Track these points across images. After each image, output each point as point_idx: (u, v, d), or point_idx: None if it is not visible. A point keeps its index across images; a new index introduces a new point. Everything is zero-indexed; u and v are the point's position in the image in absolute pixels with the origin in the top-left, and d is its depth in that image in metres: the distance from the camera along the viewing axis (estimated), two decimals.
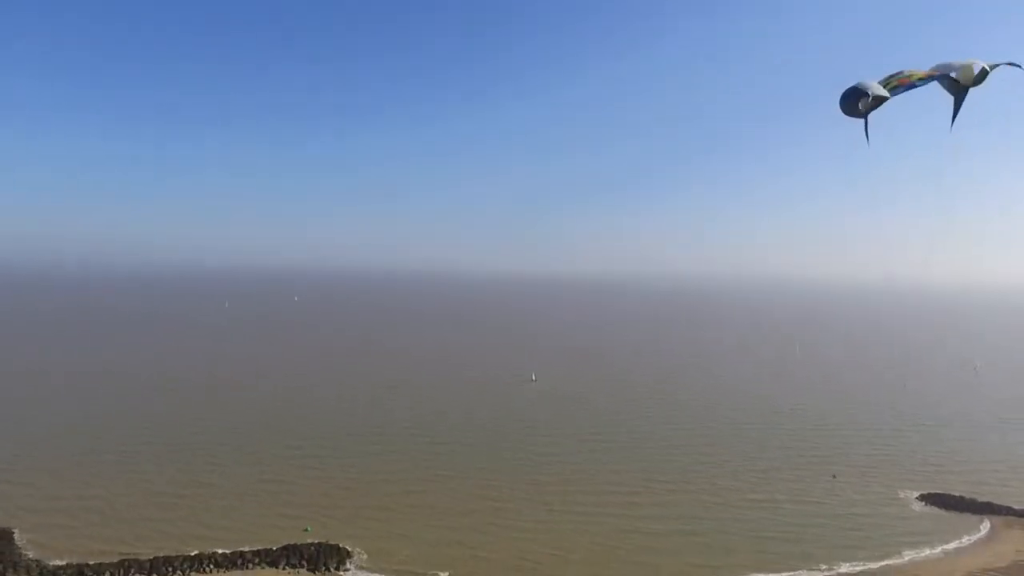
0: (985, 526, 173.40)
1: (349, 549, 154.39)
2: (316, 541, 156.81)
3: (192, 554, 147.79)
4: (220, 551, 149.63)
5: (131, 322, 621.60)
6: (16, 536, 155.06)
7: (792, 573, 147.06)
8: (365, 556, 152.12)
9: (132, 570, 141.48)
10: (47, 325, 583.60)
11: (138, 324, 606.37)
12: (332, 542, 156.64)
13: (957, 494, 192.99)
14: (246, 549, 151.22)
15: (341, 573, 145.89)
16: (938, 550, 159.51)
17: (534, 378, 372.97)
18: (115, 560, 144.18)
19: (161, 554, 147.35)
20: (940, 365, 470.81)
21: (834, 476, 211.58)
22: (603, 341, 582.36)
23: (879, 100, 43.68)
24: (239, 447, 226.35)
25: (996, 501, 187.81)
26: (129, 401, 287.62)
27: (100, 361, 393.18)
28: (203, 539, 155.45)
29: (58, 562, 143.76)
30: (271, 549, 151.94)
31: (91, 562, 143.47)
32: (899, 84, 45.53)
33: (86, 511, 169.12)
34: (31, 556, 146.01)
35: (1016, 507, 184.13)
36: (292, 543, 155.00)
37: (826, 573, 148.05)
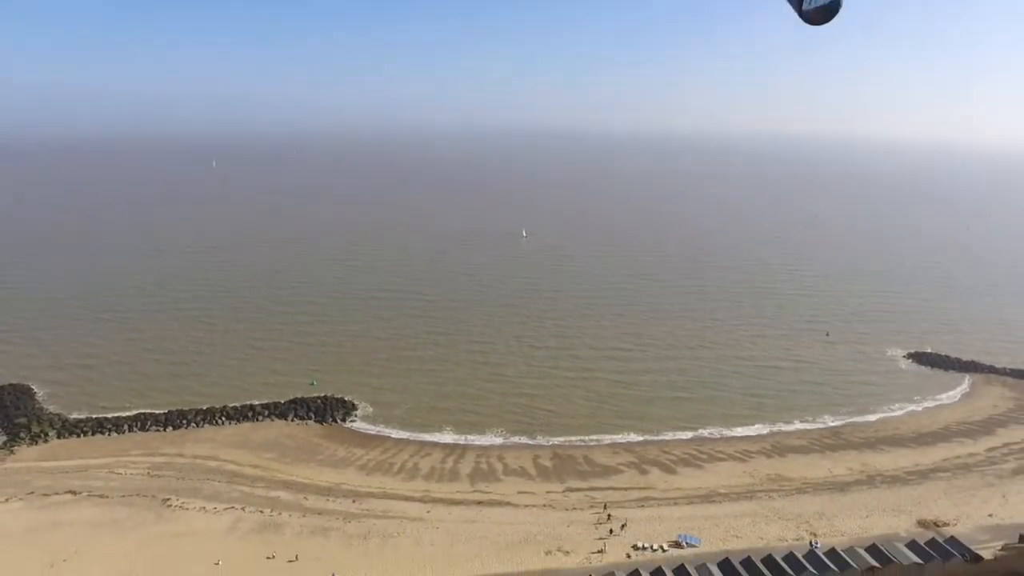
0: (966, 383, 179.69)
1: (355, 402, 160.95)
2: (322, 395, 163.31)
3: (203, 408, 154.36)
4: (230, 405, 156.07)
5: (141, 186, 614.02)
6: (36, 392, 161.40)
7: (783, 426, 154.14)
8: (370, 409, 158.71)
9: (148, 423, 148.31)
10: (36, 189, 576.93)
11: (148, 188, 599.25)
12: (337, 395, 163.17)
13: (943, 353, 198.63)
14: (255, 403, 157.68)
15: (347, 424, 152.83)
16: (920, 406, 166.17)
17: (524, 235, 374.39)
18: (131, 414, 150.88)
19: (174, 408, 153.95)
20: (932, 225, 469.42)
21: (827, 334, 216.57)
22: (602, 202, 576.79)
23: None
24: (239, 309, 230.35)
25: (979, 360, 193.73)
26: (128, 265, 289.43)
27: (116, 225, 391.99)
28: (213, 395, 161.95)
29: (78, 415, 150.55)
30: (279, 403, 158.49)
31: (109, 415, 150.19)
32: None
33: (99, 370, 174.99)
34: (52, 410, 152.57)
35: (997, 365, 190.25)
36: (299, 396, 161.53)
37: (812, 426, 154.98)
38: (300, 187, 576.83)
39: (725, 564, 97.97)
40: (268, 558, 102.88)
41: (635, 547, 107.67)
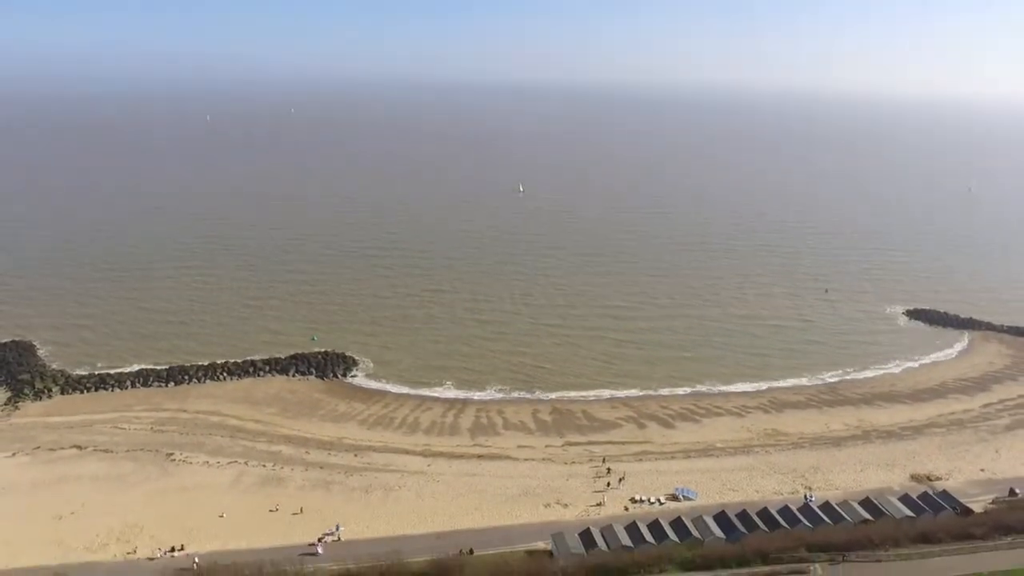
0: (964, 340, 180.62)
1: (355, 358, 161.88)
2: (322, 350, 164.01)
3: (205, 364, 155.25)
4: (232, 360, 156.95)
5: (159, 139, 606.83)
6: (38, 349, 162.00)
7: (780, 382, 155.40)
8: (370, 364, 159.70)
9: (150, 378, 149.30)
10: (32, 143, 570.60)
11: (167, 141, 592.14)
12: (338, 351, 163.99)
13: (941, 310, 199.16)
14: (256, 358, 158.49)
15: (348, 380, 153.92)
16: (917, 362, 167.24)
17: (521, 190, 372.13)
18: (133, 370, 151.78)
19: (176, 364, 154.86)
20: (935, 182, 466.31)
21: (826, 291, 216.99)
22: (596, 155, 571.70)
23: None
24: (238, 266, 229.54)
25: (977, 316, 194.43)
26: (126, 222, 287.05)
27: (109, 181, 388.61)
28: (214, 351, 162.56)
29: (80, 372, 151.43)
30: (280, 358, 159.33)
31: (111, 371, 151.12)
32: None
33: (99, 327, 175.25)
34: (55, 367, 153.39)
35: (995, 322, 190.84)
36: (300, 352, 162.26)
37: (810, 382, 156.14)
38: (299, 144, 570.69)
39: (721, 517, 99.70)
40: (271, 511, 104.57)
41: (633, 500, 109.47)
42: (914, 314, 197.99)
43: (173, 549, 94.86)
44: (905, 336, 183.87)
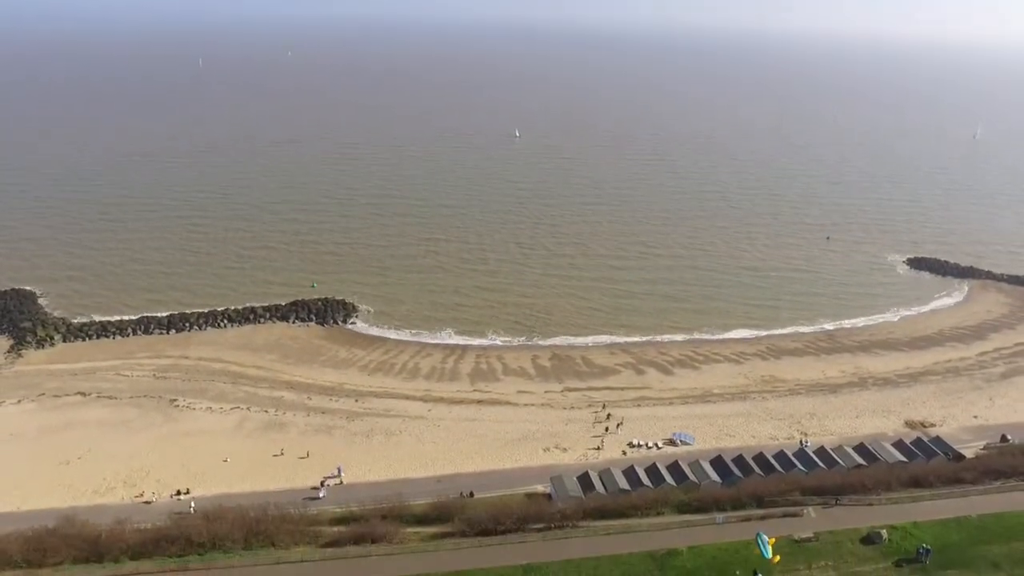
0: (963, 289, 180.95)
1: (355, 304, 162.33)
2: (322, 297, 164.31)
3: (205, 311, 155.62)
4: (232, 308, 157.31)
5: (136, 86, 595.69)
6: (38, 297, 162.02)
7: (779, 329, 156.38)
8: (370, 311, 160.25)
9: (152, 326, 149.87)
10: (31, 92, 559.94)
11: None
12: (337, 298, 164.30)
13: (942, 259, 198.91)
14: (256, 305, 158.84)
15: (348, 326, 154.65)
16: (915, 311, 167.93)
17: (517, 135, 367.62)
18: (135, 317, 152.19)
19: (176, 311, 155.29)
20: (941, 128, 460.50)
21: (828, 239, 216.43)
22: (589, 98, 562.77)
23: None
24: (234, 213, 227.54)
25: (977, 265, 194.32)
26: (111, 172, 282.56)
27: (105, 127, 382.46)
28: (214, 298, 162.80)
29: (82, 319, 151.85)
30: (280, 305, 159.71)
31: (113, 319, 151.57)
32: None
33: (98, 275, 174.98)
34: (56, 315, 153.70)
35: (995, 271, 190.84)
36: (300, 299, 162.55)
37: (808, 329, 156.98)
38: (290, 88, 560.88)
39: (717, 461, 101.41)
40: (276, 455, 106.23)
41: (631, 444, 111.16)
42: (914, 263, 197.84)
43: (179, 492, 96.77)
44: (905, 285, 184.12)
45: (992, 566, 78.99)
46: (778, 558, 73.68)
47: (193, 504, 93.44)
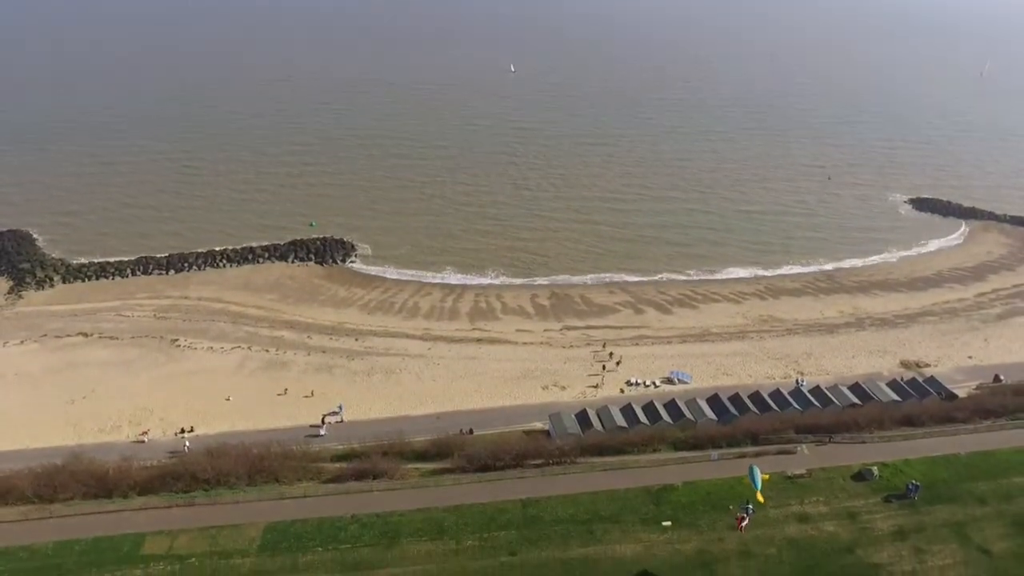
0: (964, 230, 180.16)
1: (354, 244, 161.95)
2: (321, 236, 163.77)
3: (204, 251, 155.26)
4: (231, 247, 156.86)
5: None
6: (37, 238, 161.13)
7: (778, 269, 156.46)
8: (369, 250, 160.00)
9: (151, 266, 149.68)
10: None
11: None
12: (336, 237, 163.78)
13: (944, 199, 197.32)
14: (255, 245, 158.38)
15: (347, 265, 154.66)
16: (915, 251, 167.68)
17: (512, 69, 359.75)
18: (133, 258, 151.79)
19: (175, 252, 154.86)
20: (948, 64, 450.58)
21: (829, 178, 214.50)
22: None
23: None
24: (227, 153, 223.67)
25: (979, 206, 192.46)
26: (105, 109, 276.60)
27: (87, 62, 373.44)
28: (211, 238, 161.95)
29: (81, 260, 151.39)
30: (279, 244, 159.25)
31: (111, 260, 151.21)
32: None
33: (95, 217, 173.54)
34: (55, 256, 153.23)
35: (998, 212, 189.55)
36: (298, 238, 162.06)
37: (807, 269, 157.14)
38: (277, 24, 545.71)
39: (714, 399, 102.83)
40: (280, 394, 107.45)
41: (629, 383, 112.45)
42: (916, 203, 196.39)
43: (183, 430, 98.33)
44: (906, 225, 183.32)
45: (978, 501, 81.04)
46: (762, 499, 75.20)
47: (187, 443, 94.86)
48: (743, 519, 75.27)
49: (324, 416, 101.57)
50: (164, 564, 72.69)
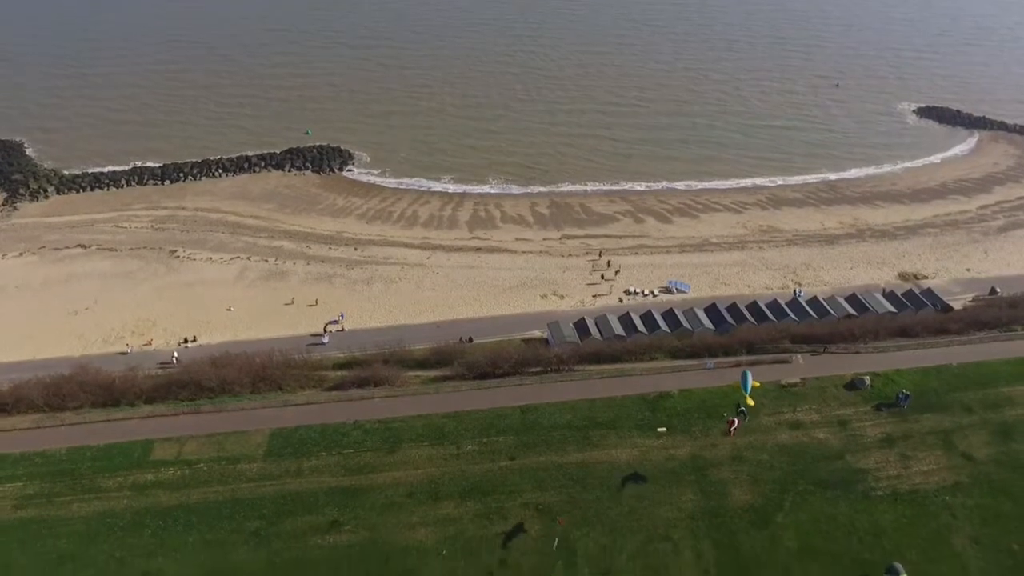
0: (972, 140, 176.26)
1: (351, 152, 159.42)
2: (317, 144, 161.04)
3: (199, 161, 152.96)
4: (226, 156, 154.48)
5: None
6: (28, 149, 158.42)
7: (780, 179, 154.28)
8: (366, 158, 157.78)
9: (145, 177, 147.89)
10: None
11: None
12: (333, 145, 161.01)
13: (954, 108, 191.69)
14: (250, 154, 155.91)
15: (345, 173, 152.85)
16: (921, 161, 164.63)
17: None
18: (127, 168, 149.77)
19: (169, 162, 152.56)
20: None
21: (837, 85, 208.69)
22: None
23: None
24: (210, 64, 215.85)
25: (990, 115, 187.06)
26: (88, 17, 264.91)
27: None
28: (207, 148, 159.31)
29: (74, 171, 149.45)
30: (274, 153, 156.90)
31: (105, 170, 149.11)
32: None
33: (85, 126, 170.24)
34: (47, 166, 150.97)
35: (1008, 122, 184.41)
36: (294, 147, 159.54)
37: (809, 178, 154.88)
38: None
39: (711, 309, 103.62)
40: (287, 304, 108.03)
41: (627, 292, 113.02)
42: (925, 112, 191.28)
43: (186, 340, 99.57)
44: (913, 134, 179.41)
45: (965, 410, 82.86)
46: (752, 402, 76.56)
47: (176, 355, 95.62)
48: (734, 423, 77.05)
49: (327, 325, 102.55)
50: (174, 469, 75.18)
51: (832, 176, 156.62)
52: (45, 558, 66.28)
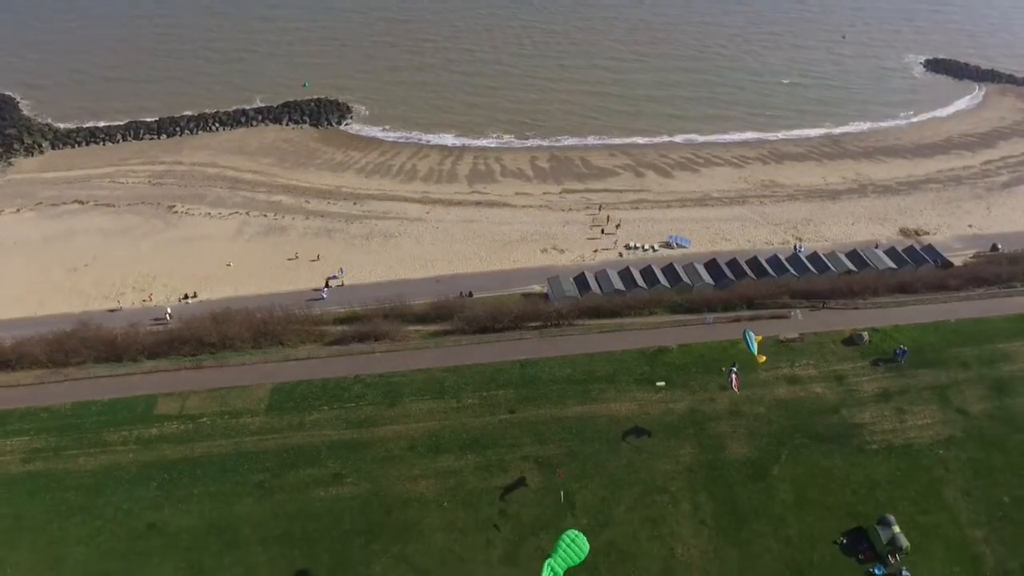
0: (980, 93, 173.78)
1: (349, 105, 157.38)
2: (315, 97, 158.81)
3: (195, 114, 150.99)
4: (223, 110, 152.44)
5: None
6: (20, 103, 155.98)
7: (783, 133, 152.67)
8: (365, 112, 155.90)
9: (141, 131, 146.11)
10: None
11: None
12: (331, 98, 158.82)
13: (961, 60, 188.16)
14: (247, 107, 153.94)
15: (342, 127, 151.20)
16: (925, 116, 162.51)
17: None
18: (123, 123, 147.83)
19: (165, 116, 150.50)
20: None
21: (843, 36, 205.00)
22: None
23: None
24: (201, 17, 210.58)
25: (999, 68, 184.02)
26: None
27: None
28: (202, 101, 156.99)
29: (69, 125, 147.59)
30: (272, 107, 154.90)
31: (100, 124, 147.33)
32: None
33: (84, 81, 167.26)
34: (41, 121, 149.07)
35: (1018, 75, 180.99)
36: (292, 100, 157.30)
37: (812, 132, 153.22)
38: None
39: (711, 264, 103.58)
40: (291, 259, 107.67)
41: (627, 247, 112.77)
42: (932, 65, 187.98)
43: (187, 296, 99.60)
44: (919, 87, 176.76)
45: (962, 365, 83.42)
46: (763, 359, 77.29)
47: (169, 311, 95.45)
48: (738, 376, 76.97)
49: (327, 279, 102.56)
50: (177, 423, 76.03)
51: (836, 130, 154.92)
52: (55, 510, 67.47)
